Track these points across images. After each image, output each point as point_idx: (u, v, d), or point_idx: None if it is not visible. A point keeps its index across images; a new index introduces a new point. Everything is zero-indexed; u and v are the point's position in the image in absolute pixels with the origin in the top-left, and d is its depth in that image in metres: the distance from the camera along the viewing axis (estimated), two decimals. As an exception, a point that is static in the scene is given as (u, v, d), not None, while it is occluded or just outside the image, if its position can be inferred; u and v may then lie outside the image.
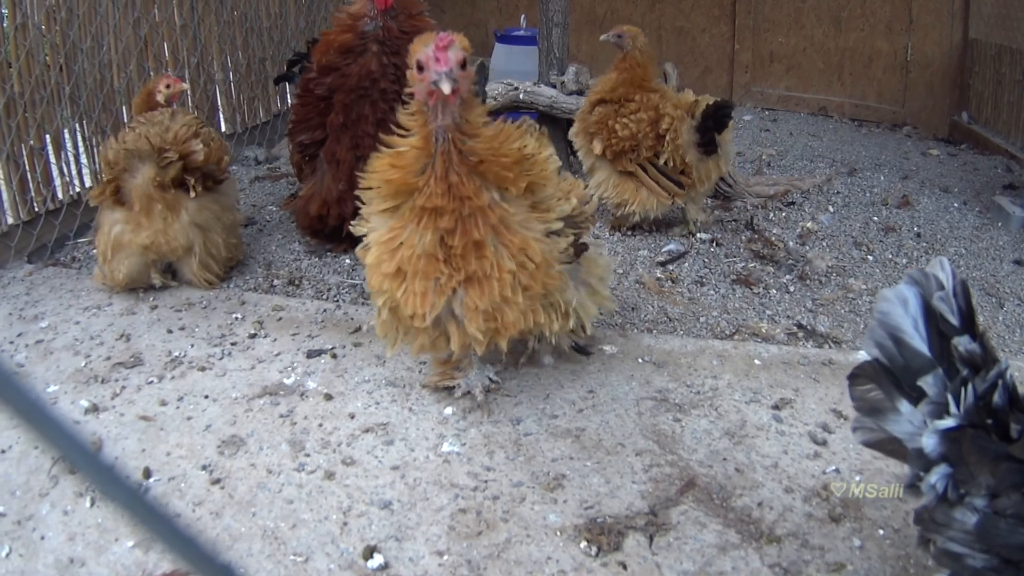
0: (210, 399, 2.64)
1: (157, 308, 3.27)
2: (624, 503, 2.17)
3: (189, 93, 4.95)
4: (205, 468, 2.30)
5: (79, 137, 4.17)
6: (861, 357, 1.62)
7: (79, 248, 3.97)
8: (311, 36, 5.28)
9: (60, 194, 4.06)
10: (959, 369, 1.48)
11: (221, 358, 2.89)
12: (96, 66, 4.19)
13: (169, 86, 3.64)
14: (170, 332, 3.07)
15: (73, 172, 4.17)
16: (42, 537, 2.06)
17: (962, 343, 1.47)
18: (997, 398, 1.44)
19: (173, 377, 2.77)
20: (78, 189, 4.19)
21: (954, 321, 1.49)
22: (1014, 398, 1.46)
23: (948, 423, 1.46)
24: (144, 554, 1.99)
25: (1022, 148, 5.66)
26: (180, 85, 3.70)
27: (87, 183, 4.24)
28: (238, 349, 2.96)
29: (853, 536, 2.06)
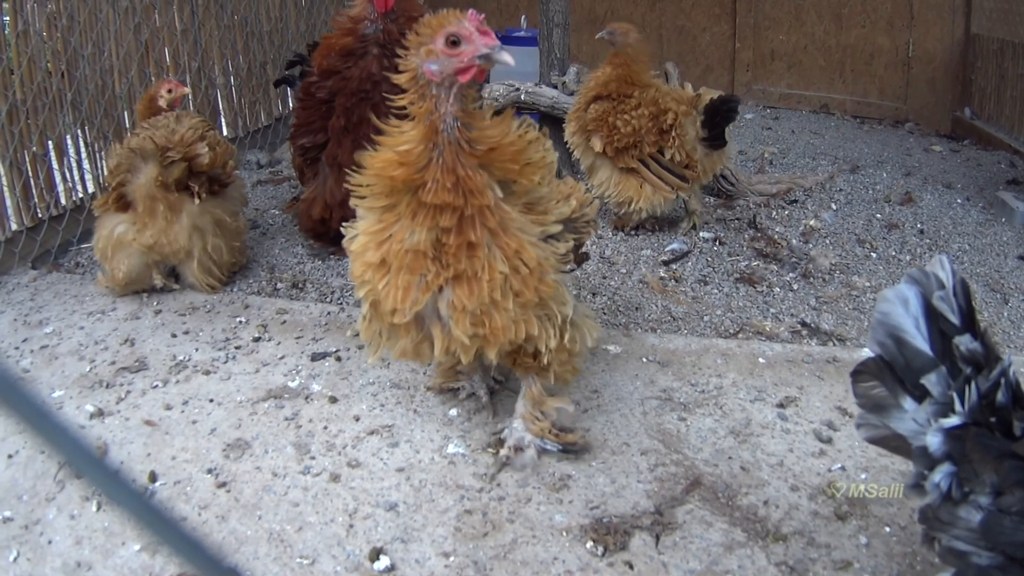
0: (215, 403, 2.64)
1: (161, 312, 3.28)
2: (630, 503, 2.17)
3: (191, 98, 4.96)
4: (210, 472, 2.31)
5: (81, 143, 4.18)
6: (865, 354, 1.62)
7: (82, 253, 3.98)
8: (311, 39, 5.30)
9: (63, 200, 4.07)
10: (961, 368, 1.47)
11: (225, 362, 2.90)
12: (97, 72, 4.20)
13: (171, 91, 3.65)
14: (174, 336, 3.08)
15: (76, 178, 4.18)
16: (49, 541, 2.06)
17: (963, 342, 1.47)
18: (1000, 396, 1.43)
19: (178, 381, 2.78)
20: (81, 195, 4.20)
21: (955, 320, 1.49)
22: (1017, 396, 1.45)
23: (952, 421, 1.45)
24: (151, 558, 1.99)
25: (1025, 143, 5.65)
26: (182, 89, 3.71)
27: (90, 188, 4.25)
28: (242, 353, 2.96)
29: (859, 534, 2.06)
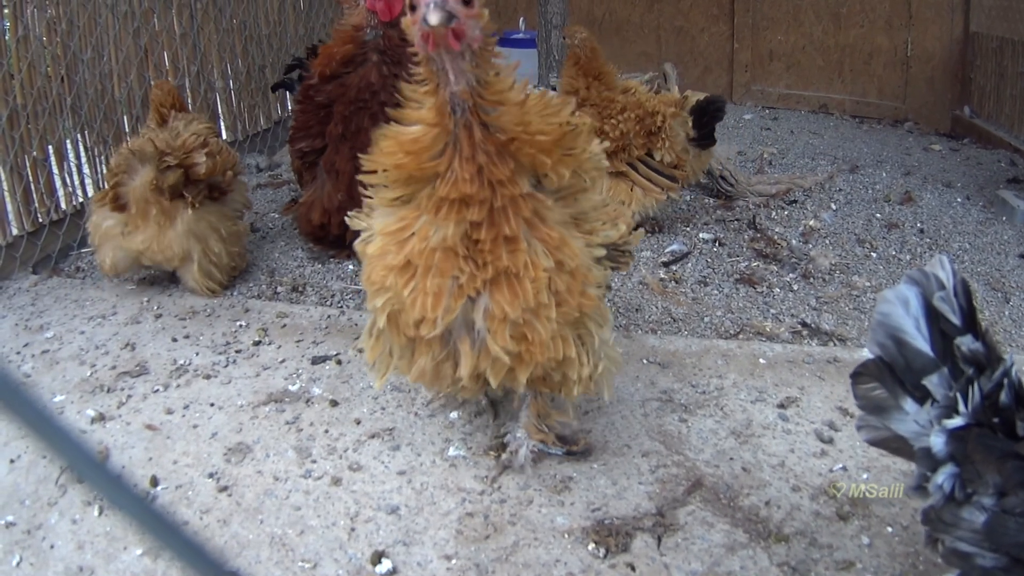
0: (216, 407, 2.64)
1: (161, 317, 3.28)
2: (631, 504, 2.17)
3: (190, 101, 4.96)
4: (212, 476, 2.31)
5: (81, 147, 4.18)
6: (866, 355, 1.61)
7: (83, 258, 3.98)
8: (310, 43, 5.30)
9: (63, 204, 4.07)
10: (963, 369, 1.47)
11: (226, 366, 2.90)
12: (97, 76, 4.20)
13: None
14: (175, 340, 3.08)
15: (76, 182, 4.18)
16: (51, 546, 2.06)
17: (965, 343, 1.47)
18: (1004, 397, 1.43)
19: (178, 385, 2.78)
20: (81, 199, 4.20)
21: (956, 321, 1.48)
22: (1020, 396, 1.45)
23: (956, 422, 1.45)
24: (153, 562, 1.99)
25: (1025, 142, 5.65)
26: None
27: (90, 193, 4.25)
28: (243, 356, 2.96)
29: (861, 534, 2.06)
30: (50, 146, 3.97)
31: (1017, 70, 5.71)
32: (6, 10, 3.72)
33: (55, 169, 4.01)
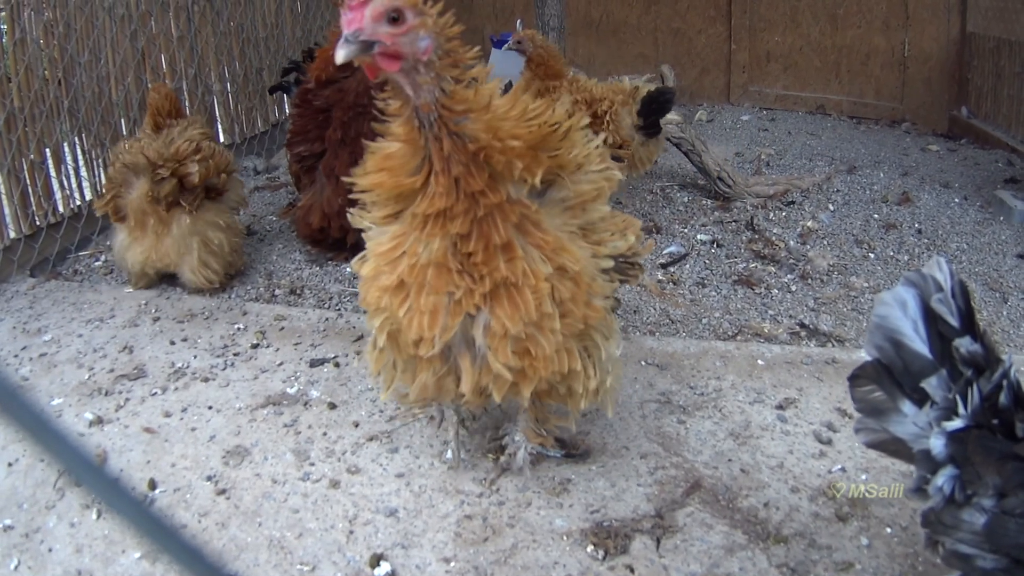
0: (214, 410, 2.64)
1: (159, 320, 3.27)
2: (630, 506, 2.16)
3: (188, 104, 4.96)
4: (210, 479, 2.30)
5: (79, 150, 4.18)
6: (864, 356, 1.61)
7: (81, 261, 3.98)
8: (307, 46, 5.30)
9: (61, 207, 4.07)
10: (962, 370, 1.47)
11: (224, 369, 2.89)
12: (94, 79, 4.20)
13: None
14: (173, 343, 3.08)
15: (73, 185, 4.18)
16: (50, 549, 2.06)
17: (963, 344, 1.46)
18: (1003, 398, 1.43)
19: (176, 388, 2.77)
20: (78, 202, 4.20)
21: (954, 322, 1.48)
22: (1019, 397, 1.45)
23: (955, 424, 1.45)
24: (151, 566, 1.99)
25: (1023, 141, 5.65)
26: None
27: (87, 196, 4.25)
28: (241, 359, 2.96)
29: (860, 535, 2.06)
30: (47, 149, 3.97)
31: (1014, 70, 5.72)
32: (3, 13, 3.72)
33: (52, 172, 4.01)
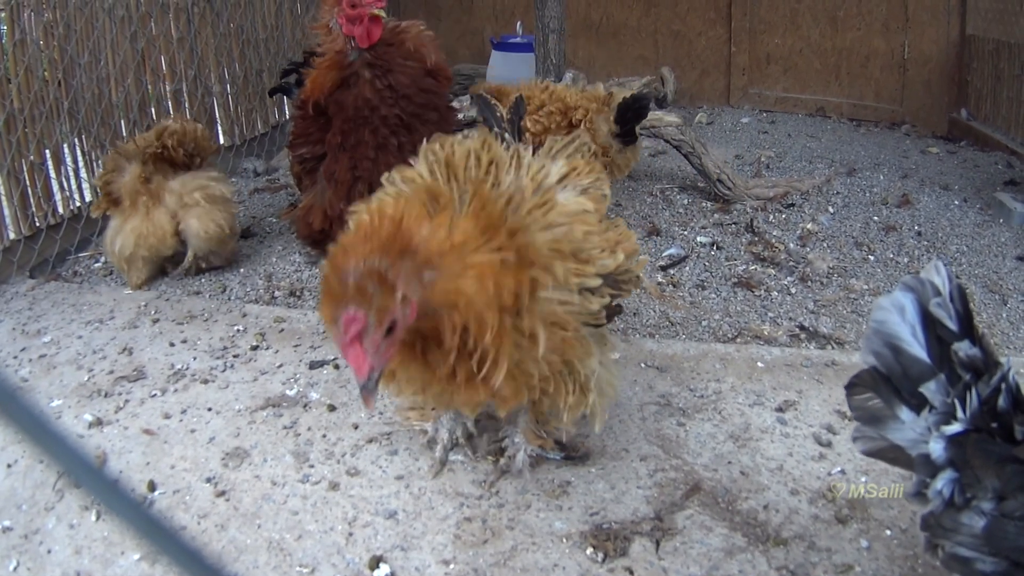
0: (213, 411, 2.64)
1: (159, 321, 3.27)
2: (630, 508, 2.16)
3: (187, 106, 4.97)
4: (209, 480, 2.30)
5: (78, 151, 4.18)
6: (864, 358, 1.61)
7: (80, 262, 3.98)
8: (307, 47, 5.29)
9: (61, 209, 4.07)
10: (961, 375, 1.47)
11: (224, 370, 2.89)
12: (94, 81, 4.20)
13: None
14: (172, 345, 3.08)
15: (73, 186, 4.18)
16: (49, 551, 2.06)
17: (962, 348, 1.46)
18: (1001, 402, 1.43)
19: (176, 390, 2.77)
20: (78, 203, 4.20)
21: (953, 327, 1.48)
22: (1018, 400, 1.45)
23: (954, 428, 1.45)
24: (150, 567, 1.98)
25: (1022, 144, 5.65)
26: None
27: (87, 197, 4.26)
28: (240, 361, 2.96)
29: (860, 537, 2.06)
30: (47, 150, 3.97)
31: (1013, 72, 5.72)
32: (3, 14, 3.73)
33: (52, 173, 4.01)
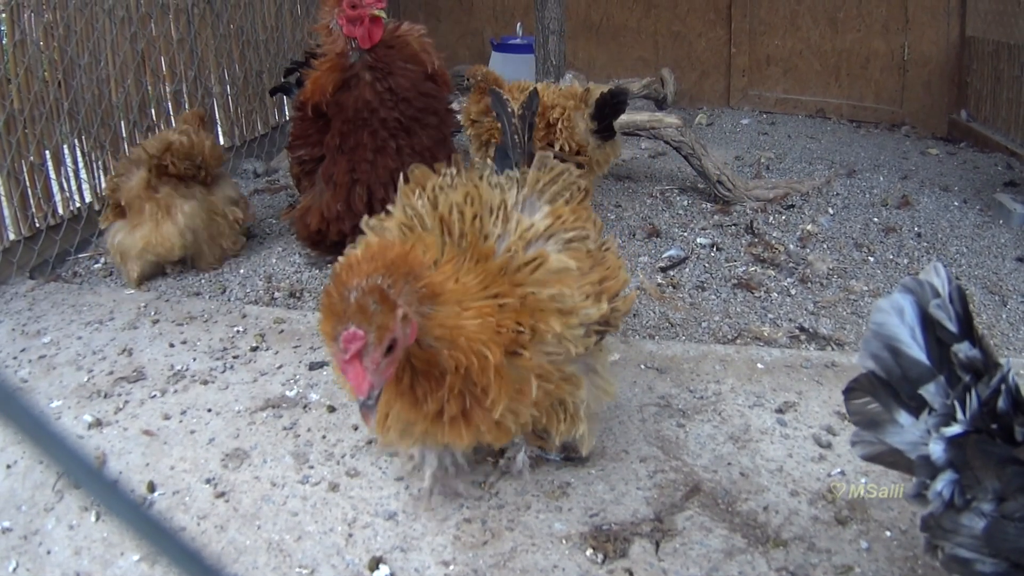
0: (213, 412, 2.64)
1: (159, 322, 3.27)
2: (629, 510, 2.16)
3: (187, 107, 4.96)
4: (209, 481, 2.30)
5: (78, 152, 4.18)
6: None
7: (80, 263, 3.98)
8: (307, 48, 5.29)
9: (60, 209, 4.07)
10: (960, 376, 1.46)
11: (223, 371, 2.89)
12: (94, 81, 4.20)
13: None
14: (172, 346, 3.07)
15: (73, 187, 4.18)
16: (48, 551, 2.06)
17: (962, 350, 1.46)
18: (1001, 403, 1.43)
19: (176, 391, 2.77)
20: (78, 204, 4.20)
21: (953, 328, 1.47)
22: (1018, 401, 1.45)
23: (954, 430, 1.45)
24: (150, 568, 1.98)
25: (1022, 145, 5.65)
26: None
27: (87, 198, 4.26)
28: (240, 362, 2.95)
29: (860, 538, 2.06)
30: (47, 151, 3.97)
31: (1013, 74, 5.73)
32: (3, 15, 3.73)
33: (52, 174, 4.01)
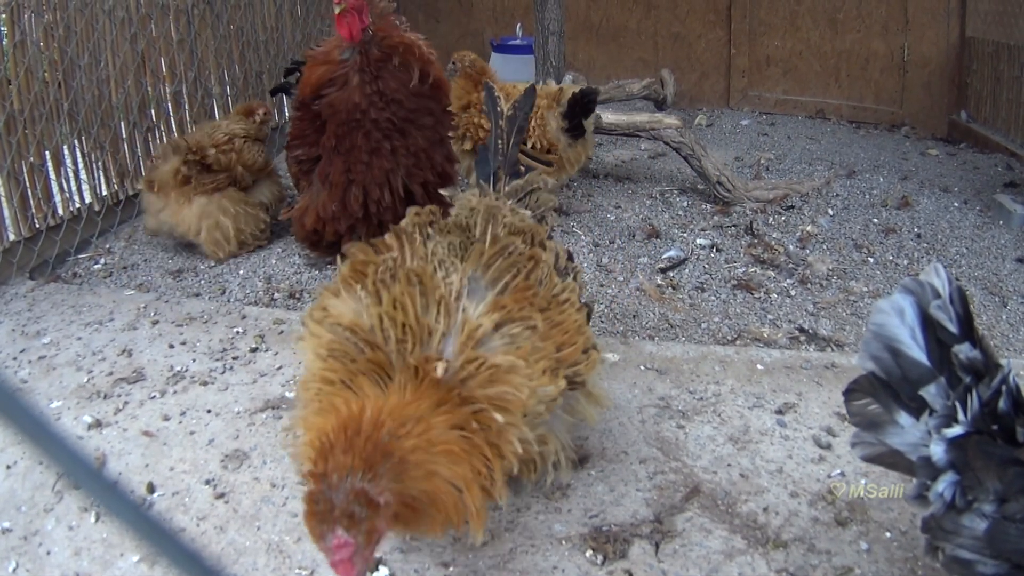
0: (213, 413, 2.64)
1: (158, 323, 3.27)
2: (629, 511, 2.16)
3: (186, 107, 4.97)
4: (209, 482, 2.30)
5: (78, 153, 4.18)
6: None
7: (80, 264, 3.98)
8: (307, 49, 5.30)
9: (60, 210, 4.07)
10: (961, 377, 1.46)
11: (223, 372, 2.89)
12: (94, 82, 4.20)
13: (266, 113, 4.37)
14: (171, 347, 3.07)
15: (73, 188, 4.18)
16: (48, 552, 2.06)
17: (963, 351, 1.46)
18: (1002, 404, 1.43)
19: (175, 392, 2.77)
20: (78, 205, 4.20)
21: (953, 329, 1.47)
22: (1019, 402, 1.45)
23: (955, 431, 1.44)
24: (149, 569, 1.98)
25: (1022, 145, 5.66)
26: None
27: (87, 199, 4.26)
28: (240, 363, 2.95)
29: (860, 539, 2.06)
30: (47, 152, 3.97)
31: (1013, 74, 5.73)
32: (3, 15, 3.73)
33: (52, 175, 4.01)
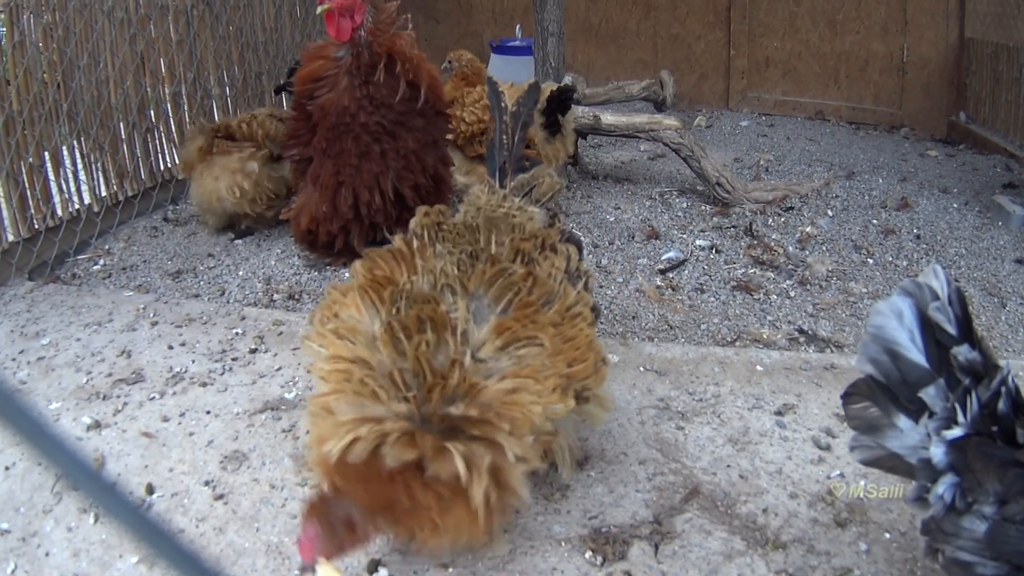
0: (212, 414, 2.63)
1: (158, 324, 3.27)
2: (628, 512, 2.16)
3: (186, 108, 4.97)
4: (208, 484, 2.30)
5: (77, 154, 4.18)
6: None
7: (79, 265, 3.97)
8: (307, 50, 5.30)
9: (59, 211, 4.06)
10: (960, 379, 1.46)
11: (222, 373, 2.89)
12: (93, 83, 4.20)
13: None
14: (171, 348, 3.07)
15: (72, 189, 4.17)
16: (47, 554, 2.05)
17: (962, 352, 1.46)
18: (1002, 405, 1.42)
19: (175, 393, 2.77)
20: (77, 206, 4.19)
21: (952, 331, 1.47)
22: (1018, 404, 1.44)
23: (955, 433, 1.44)
24: (148, 570, 1.98)
25: (1021, 146, 5.66)
26: None
27: (86, 200, 4.25)
28: (239, 364, 2.95)
29: (859, 540, 2.05)
30: (46, 152, 3.96)
31: (1012, 75, 5.73)
32: (2, 16, 3.72)
33: (51, 175, 4.01)
